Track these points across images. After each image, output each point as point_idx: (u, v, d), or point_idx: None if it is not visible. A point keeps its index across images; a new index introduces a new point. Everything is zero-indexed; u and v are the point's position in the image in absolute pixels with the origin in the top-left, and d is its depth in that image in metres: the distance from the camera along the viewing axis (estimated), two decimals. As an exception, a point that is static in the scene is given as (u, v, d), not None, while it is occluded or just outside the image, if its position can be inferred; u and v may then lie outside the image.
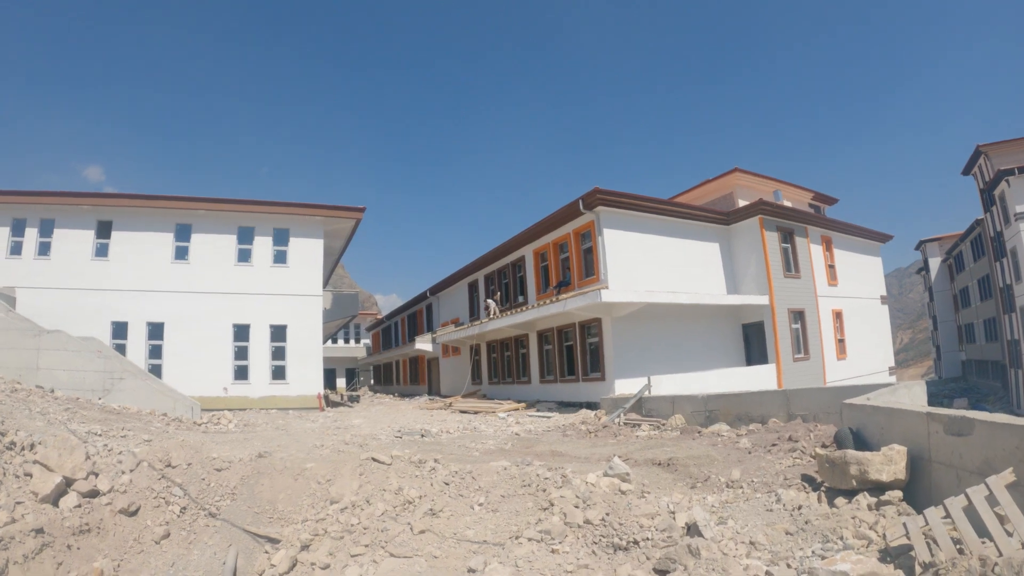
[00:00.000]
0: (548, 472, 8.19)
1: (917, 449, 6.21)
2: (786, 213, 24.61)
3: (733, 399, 13.36)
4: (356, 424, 18.41)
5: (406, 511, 7.77)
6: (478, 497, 7.84)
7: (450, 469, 8.96)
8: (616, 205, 20.48)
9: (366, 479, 8.93)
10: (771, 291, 22.90)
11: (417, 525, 7.17)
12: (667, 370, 19.74)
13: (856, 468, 6.32)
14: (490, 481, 8.35)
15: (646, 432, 13.69)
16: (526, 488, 7.86)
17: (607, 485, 7.67)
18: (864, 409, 7.59)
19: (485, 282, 29.76)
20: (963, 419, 5.58)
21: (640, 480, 8.17)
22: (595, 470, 8.50)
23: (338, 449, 11.93)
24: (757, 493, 7.14)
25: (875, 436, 7.14)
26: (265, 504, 8.84)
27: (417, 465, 9.27)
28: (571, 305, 18.84)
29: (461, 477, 8.57)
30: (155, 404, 18.72)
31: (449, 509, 7.59)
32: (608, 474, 8.00)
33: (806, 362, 24.11)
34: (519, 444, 12.99)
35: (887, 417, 6.90)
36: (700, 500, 7.08)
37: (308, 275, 24.90)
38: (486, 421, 18.17)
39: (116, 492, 8.12)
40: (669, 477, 8.50)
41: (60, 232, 22.60)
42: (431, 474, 8.85)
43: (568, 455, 11.12)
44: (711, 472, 8.42)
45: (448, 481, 8.44)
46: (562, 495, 7.09)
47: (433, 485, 8.33)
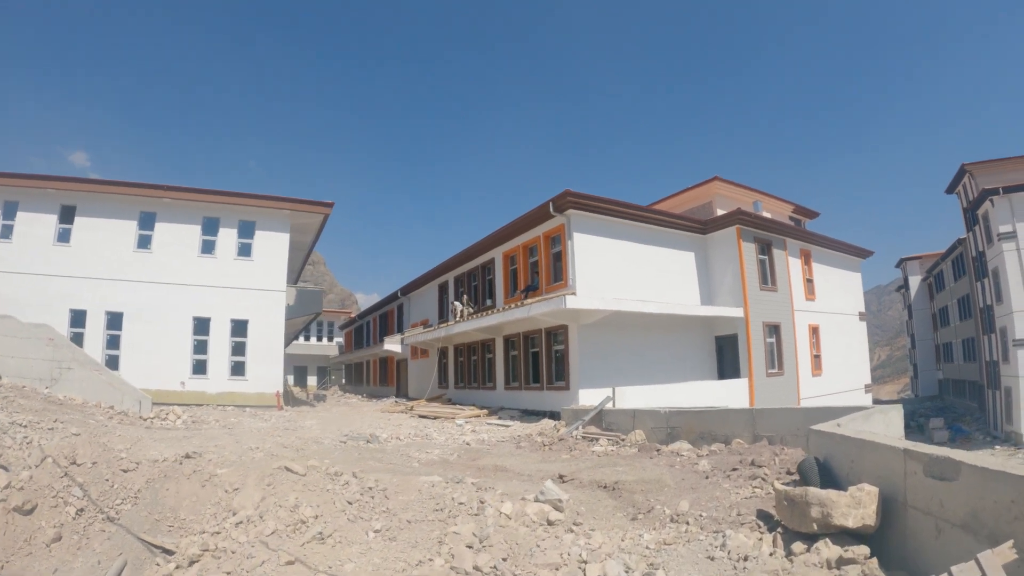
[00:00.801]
0: (465, 497, 7.09)
1: (891, 490, 5.16)
2: (765, 224, 23.60)
3: (696, 416, 12.29)
4: (308, 426, 17.34)
5: (297, 532, 6.77)
6: (379, 521, 6.81)
7: (365, 485, 7.91)
8: (588, 209, 19.41)
9: (272, 491, 7.96)
10: (746, 303, 21.86)
11: (294, 552, 6.03)
12: (635, 381, 18.67)
13: (818, 510, 5.23)
14: (402, 502, 7.28)
15: (603, 447, 12.61)
16: (437, 513, 6.76)
17: (535, 513, 6.58)
18: (833, 438, 6.48)
19: (455, 284, 28.63)
20: (947, 461, 4.50)
21: (576, 508, 7.10)
22: (532, 491, 7.50)
23: (272, 453, 11.15)
24: (703, 533, 6.02)
25: (843, 469, 6.08)
26: (167, 511, 8.07)
27: (332, 478, 8.22)
28: (536, 311, 17.71)
29: (372, 495, 7.52)
30: (102, 396, 17.79)
31: (341, 534, 6.51)
32: (539, 499, 6.89)
33: (780, 377, 23.07)
34: (465, 456, 11.99)
35: (858, 449, 5.81)
36: (633, 540, 5.96)
37: (273, 269, 23.82)
38: (442, 428, 17.02)
39: (13, 488, 7.39)
40: (610, 505, 7.39)
41: (23, 215, 21.57)
42: (343, 489, 7.82)
43: (511, 471, 10.06)
44: (658, 501, 7.33)
45: (355, 500, 7.37)
46: (457, 531, 5.95)
47: (336, 504, 7.23)
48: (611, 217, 20.12)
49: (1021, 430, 30.72)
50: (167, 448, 11.79)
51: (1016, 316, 31.17)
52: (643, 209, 21.01)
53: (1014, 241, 31.28)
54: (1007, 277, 31.53)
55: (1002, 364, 33.33)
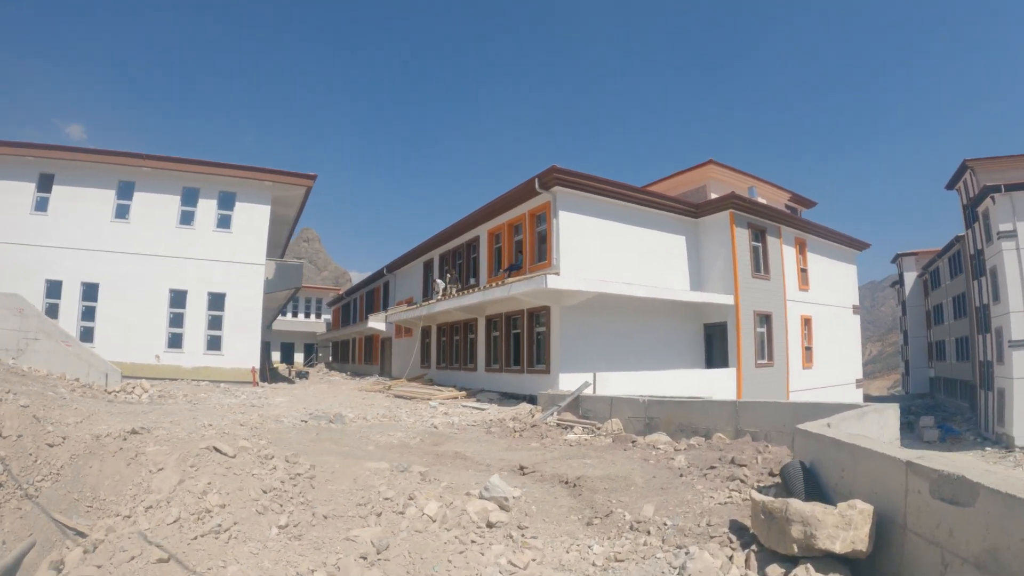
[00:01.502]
0: (394, 491, 6.16)
1: (888, 509, 4.25)
2: (759, 210, 22.55)
3: (677, 407, 11.36)
4: (277, 403, 16.55)
5: (200, 521, 5.95)
6: (290, 515, 5.77)
7: (294, 471, 7.07)
8: (575, 186, 18.37)
9: (194, 472, 7.15)
10: (737, 291, 20.85)
11: (177, 547, 5.18)
12: (619, 367, 17.75)
13: (801, 529, 4.29)
14: (328, 493, 6.39)
15: (576, 436, 11.69)
16: (359, 509, 5.88)
17: (476, 512, 5.68)
18: (821, 440, 5.50)
19: (440, 262, 27.58)
20: (962, 481, 3.53)
21: (526, 507, 6.19)
22: (484, 484, 6.53)
23: (225, 431, 10.55)
24: (664, 547, 5.08)
25: (832, 478, 5.18)
26: (88, 490, 7.39)
27: (261, 461, 7.43)
28: (516, 290, 16.72)
29: (296, 484, 6.65)
30: (68, 368, 17.37)
31: (242, 528, 5.65)
32: (484, 496, 5.92)
33: (769, 369, 22.11)
34: (428, 440, 11.11)
35: (851, 457, 4.86)
36: (580, 552, 5.02)
37: (252, 242, 22.89)
38: (415, 409, 16.10)
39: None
40: (567, 505, 6.44)
41: (1, 184, 20.87)
42: (270, 474, 7.02)
43: (470, 459, 9.18)
44: (620, 503, 6.40)
45: (273, 488, 6.43)
46: (356, 536, 4.97)
47: (250, 492, 6.34)
48: (599, 196, 19.10)
49: (1013, 432, 29.88)
50: (120, 422, 10.77)
51: (1013, 316, 30.29)
52: (633, 189, 19.95)
53: (1014, 240, 30.34)
54: (1005, 277, 30.64)
55: (996, 365, 32.46)
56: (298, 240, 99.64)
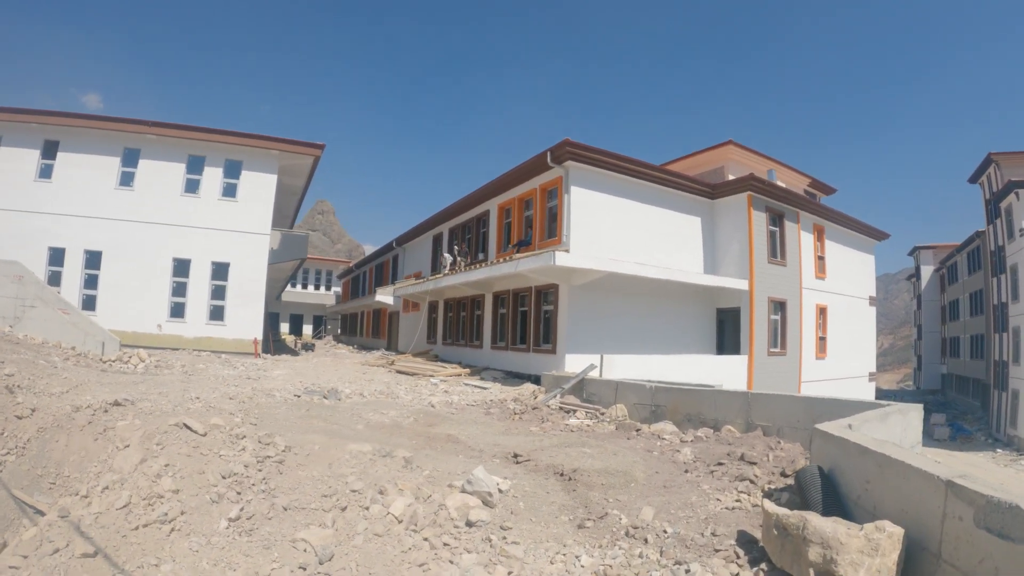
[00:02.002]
0: (364, 483, 5.69)
1: (920, 533, 3.67)
2: (777, 193, 21.69)
3: (685, 395, 10.76)
4: (275, 376, 16.13)
5: (150, 508, 5.43)
6: (242, 506, 5.30)
7: (263, 453, 6.55)
8: (588, 161, 17.60)
9: (159, 450, 6.68)
10: (752, 276, 20.08)
11: (110, 539, 4.66)
12: (628, 350, 17.14)
13: (819, 552, 3.67)
14: (295, 480, 5.90)
15: (578, 421, 11.14)
16: (324, 500, 5.33)
17: (455, 508, 5.16)
18: (843, 445, 4.86)
19: (449, 236, 26.90)
20: (1016, 512, 2.90)
21: (512, 504, 5.66)
22: (468, 474, 5.97)
23: (211, 405, 10.05)
24: (661, 560, 4.50)
25: (854, 489, 4.56)
26: (52, 466, 7.13)
27: (232, 441, 6.95)
28: (523, 266, 16.05)
29: (261, 468, 6.19)
30: (64, 336, 17.19)
31: (187, 519, 5.18)
32: (466, 490, 5.35)
33: (782, 357, 21.39)
34: (422, 420, 10.55)
35: (878, 468, 4.22)
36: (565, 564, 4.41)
37: (258, 211, 22.38)
38: (415, 386, 15.56)
39: None
40: (558, 502, 5.87)
41: (6, 150, 20.59)
42: (238, 455, 6.56)
43: (462, 444, 8.65)
44: (617, 503, 5.85)
45: (235, 472, 5.93)
46: (305, 537, 4.40)
47: (208, 476, 5.85)
48: (613, 173, 18.32)
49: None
50: (107, 393, 10.38)
51: (1032, 317, 29.25)
52: (648, 166, 19.12)
53: (1037, 238, 29.20)
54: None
55: (1012, 365, 31.51)
56: (312, 212, 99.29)
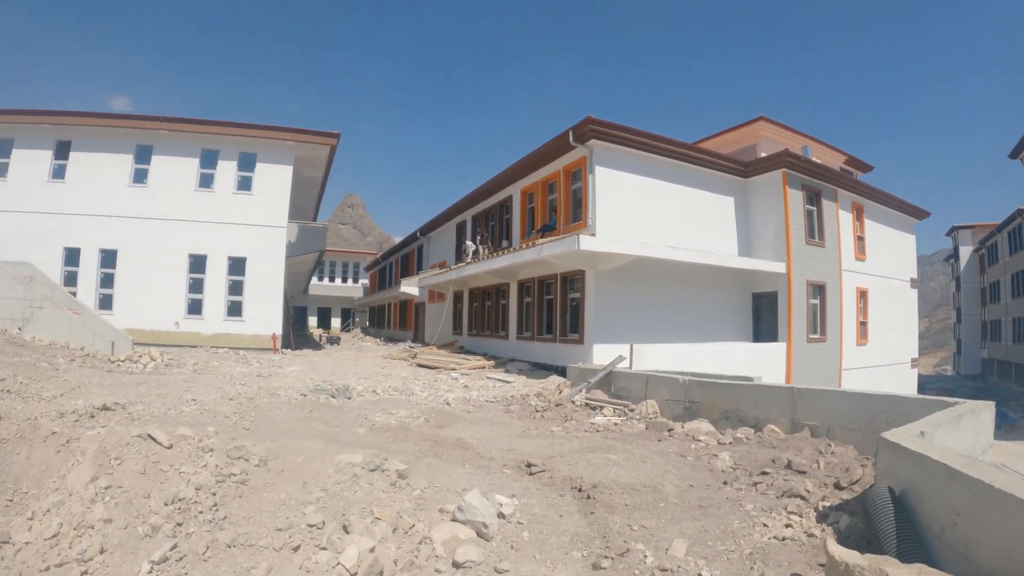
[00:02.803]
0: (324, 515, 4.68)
1: None
2: (814, 170, 20.33)
3: (722, 390, 9.62)
4: (288, 372, 15.40)
5: (78, 539, 4.43)
6: (173, 545, 4.30)
7: (227, 471, 5.61)
8: (612, 140, 16.46)
9: (116, 467, 5.65)
10: (789, 258, 18.81)
11: None
12: (659, 339, 16.02)
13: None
14: (252, 506, 5.00)
15: (605, 420, 10.06)
16: (277, 535, 4.26)
17: (443, 543, 4.20)
18: (924, 464, 3.76)
19: (472, 223, 25.89)
20: None
21: (516, 533, 4.64)
22: (478, 487, 4.96)
23: (205, 408, 9.31)
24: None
25: (939, 521, 3.53)
26: (10, 480, 6.26)
27: (197, 455, 5.89)
28: (547, 252, 15.01)
29: (216, 490, 5.19)
30: (72, 337, 16.90)
31: (105, 559, 4.41)
32: (457, 519, 4.34)
33: (822, 344, 20.08)
34: (432, 421, 9.57)
35: (974, 498, 3.14)
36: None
37: (274, 204, 21.70)
38: (433, 381, 14.63)
39: None
40: (571, 532, 4.76)
41: (19, 152, 20.44)
42: (198, 473, 5.47)
43: (472, 450, 7.66)
44: (643, 530, 4.80)
45: (180, 498, 4.92)
46: None
47: (152, 501, 4.81)
48: (639, 151, 17.12)
49: (1075, 424, 27.26)
50: (104, 396, 9.93)
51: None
52: (677, 144, 17.89)
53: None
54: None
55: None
56: (342, 206, 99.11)
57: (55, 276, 19.60)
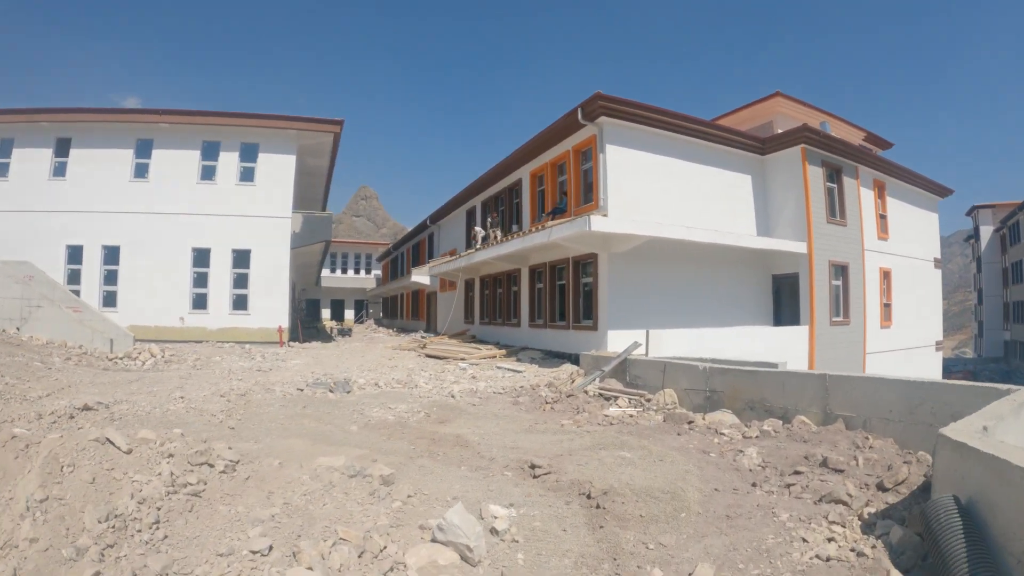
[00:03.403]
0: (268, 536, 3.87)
1: None
2: (834, 146, 19.34)
3: (746, 378, 8.81)
4: (289, 366, 14.80)
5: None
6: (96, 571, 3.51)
7: (182, 480, 4.95)
8: (623, 116, 15.59)
9: (62, 476, 4.84)
10: (810, 238, 17.87)
11: None
12: (676, 324, 15.17)
13: None
14: (203, 523, 4.36)
15: (619, 411, 9.30)
16: (217, 562, 3.51)
17: (418, 568, 3.46)
18: (1000, 468, 3.03)
19: (482, 209, 25.02)
20: None
21: (509, 555, 3.86)
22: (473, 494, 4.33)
23: (192, 406, 8.72)
24: None
25: (1019, 538, 2.64)
26: None
27: (156, 460, 5.19)
28: (557, 235, 14.20)
29: (163, 504, 4.53)
30: (70, 335, 16.55)
31: None
32: (437, 539, 3.60)
33: (845, 327, 19.15)
34: (433, 415, 8.85)
35: None
36: None
37: (278, 195, 21.07)
38: (441, 372, 13.90)
39: None
40: (574, 552, 3.94)
41: (19, 152, 20.15)
42: (150, 483, 4.71)
43: (472, 448, 6.88)
44: (660, 549, 3.99)
45: (117, 514, 4.20)
46: None
47: (86, 518, 4.08)
48: (652, 128, 16.24)
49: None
50: (93, 395, 9.35)
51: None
52: (690, 119, 16.96)
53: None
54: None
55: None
56: (356, 198, 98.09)
57: (58, 274, 19.41)
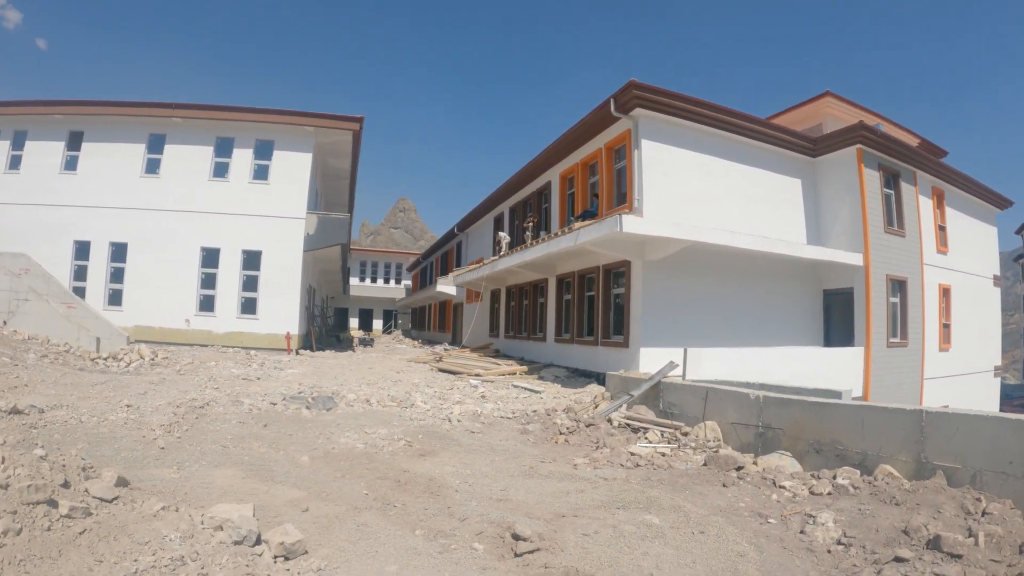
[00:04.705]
0: None
1: None
2: (893, 148, 17.10)
3: (812, 411, 6.82)
4: (284, 375, 13.54)
5: None
6: None
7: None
8: (661, 109, 13.69)
9: None
10: (867, 248, 15.71)
11: None
12: (716, 342, 13.05)
13: None
14: None
15: (648, 448, 7.37)
16: None
17: None
18: None
19: (510, 215, 23.23)
20: None
21: None
22: None
23: (131, 418, 7.43)
24: None
25: None
26: None
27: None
28: (585, 238, 12.32)
29: None
30: (55, 331, 15.41)
31: None
32: None
33: (902, 349, 16.85)
34: (414, 446, 7.07)
35: None
36: None
37: (291, 193, 19.58)
38: (447, 390, 12.13)
39: None
40: None
41: (32, 144, 19.31)
42: None
43: (444, 499, 4.94)
44: None
45: None
46: None
47: None
48: (691, 123, 14.30)
49: None
50: (45, 397, 8.38)
51: None
52: (735, 114, 14.92)
53: None
54: None
55: None
56: (394, 210, 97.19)
57: (64, 270, 18.41)
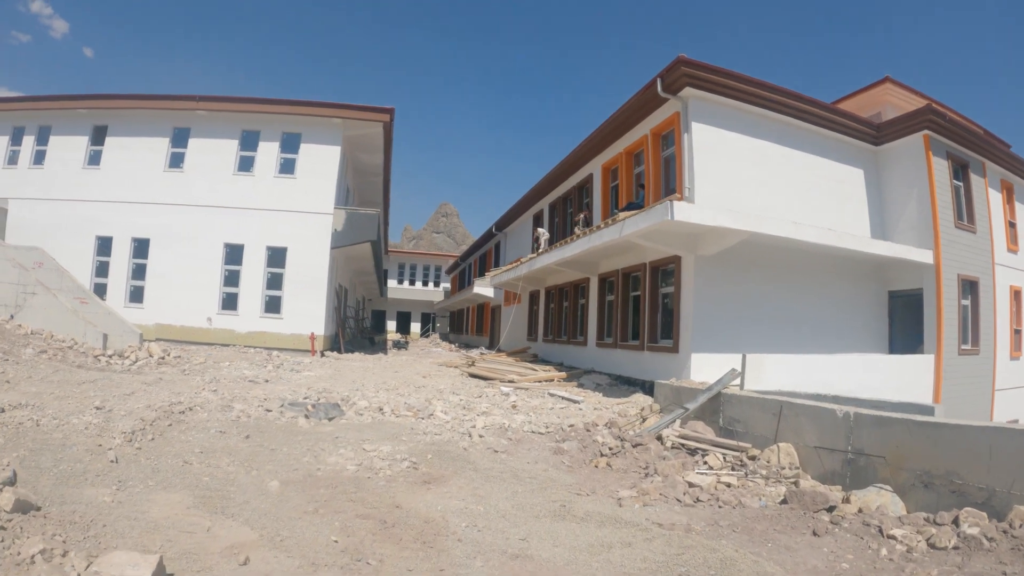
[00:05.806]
0: None
1: None
2: (961, 136, 15.25)
3: (919, 432, 5.25)
4: (298, 378, 12.30)
5: None
6: None
7: None
8: (712, 88, 12.15)
9: None
10: (937, 245, 13.93)
11: None
12: (774, 347, 11.43)
13: None
14: None
15: (710, 479, 5.87)
16: None
17: None
18: None
19: (550, 212, 21.77)
20: None
21: None
22: None
23: (97, 421, 6.40)
24: None
25: None
26: None
27: None
28: (629, 228, 10.84)
29: None
30: (62, 327, 14.28)
31: None
32: None
33: (973, 357, 14.96)
34: (420, 469, 5.76)
35: None
36: None
37: (319, 188, 18.57)
38: (475, 398, 10.73)
39: None
40: None
41: (56, 139, 18.89)
42: None
43: (440, 551, 3.68)
44: None
45: None
46: None
47: None
48: (746, 105, 12.71)
49: None
50: (19, 395, 7.53)
51: None
52: (793, 95, 13.26)
53: None
54: None
55: None
56: (436, 215, 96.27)
57: (86, 266, 17.77)
